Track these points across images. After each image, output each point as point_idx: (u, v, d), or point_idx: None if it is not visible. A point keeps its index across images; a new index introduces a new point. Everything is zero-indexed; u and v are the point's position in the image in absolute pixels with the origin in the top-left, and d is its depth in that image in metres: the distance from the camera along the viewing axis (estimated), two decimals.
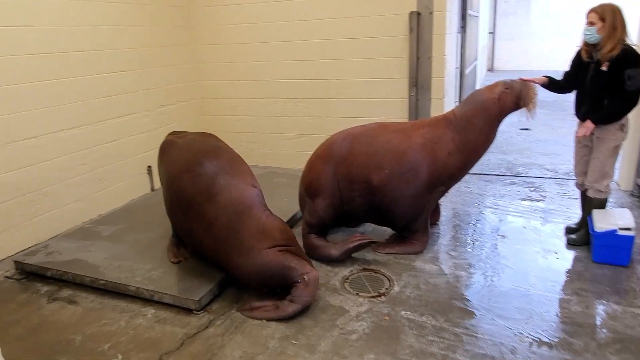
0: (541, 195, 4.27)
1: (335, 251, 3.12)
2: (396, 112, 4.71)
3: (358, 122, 4.83)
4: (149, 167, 4.76)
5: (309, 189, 3.27)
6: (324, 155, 3.25)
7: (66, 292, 2.94)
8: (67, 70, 3.85)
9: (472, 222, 3.75)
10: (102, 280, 2.88)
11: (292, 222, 3.78)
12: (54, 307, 2.79)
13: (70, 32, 3.85)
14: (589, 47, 2.98)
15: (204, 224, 2.68)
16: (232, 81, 5.34)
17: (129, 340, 2.44)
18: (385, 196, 3.08)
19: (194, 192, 2.73)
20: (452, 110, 3.17)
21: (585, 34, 2.94)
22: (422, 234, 3.24)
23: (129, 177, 4.57)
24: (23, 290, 3.02)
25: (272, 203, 4.06)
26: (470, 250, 3.28)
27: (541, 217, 3.79)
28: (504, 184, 4.63)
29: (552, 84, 3.19)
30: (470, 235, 3.52)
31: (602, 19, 2.86)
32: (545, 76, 3.17)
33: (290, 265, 2.57)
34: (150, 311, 2.69)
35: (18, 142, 3.51)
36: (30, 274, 3.17)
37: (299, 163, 5.29)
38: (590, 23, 2.90)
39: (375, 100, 4.76)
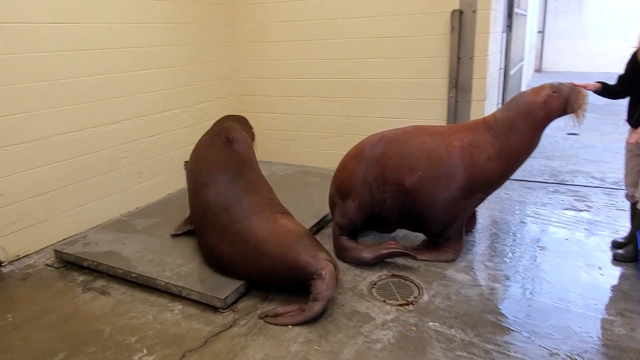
0: (587, 206, 4.04)
1: (367, 255, 3.05)
2: (434, 113, 4.58)
3: (394, 123, 4.77)
4: (186, 162, 4.83)
5: (340, 189, 3.23)
6: (357, 156, 3.20)
7: (100, 283, 3.03)
8: (112, 67, 3.97)
9: (511, 232, 3.58)
10: (134, 273, 2.94)
11: (322, 224, 3.75)
12: (87, 297, 2.88)
13: (116, 30, 3.96)
14: None
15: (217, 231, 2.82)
16: (270, 79, 5.35)
17: (155, 335, 2.47)
18: (418, 200, 2.99)
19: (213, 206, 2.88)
20: (493, 114, 3.03)
21: None
22: (455, 242, 3.12)
23: (166, 172, 4.66)
24: (61, 278, 3.13)
25: (303, 202, 4.07)
26: (507, 261, 3.14)
27: (586, 229, 3.58)
28: (546, 192, 4.41)
29: (605, 90, 2.99)
30: (508, 245, 3.36)
31: None
32: (598, 82, 2.98)
33: (304, 263, 2.55)
34: (177, 306, 2.73)
35: (62, 135, 3.64)
36: (68, 263, 3.29)
37: (333, 163, 5.22)
38: None
39: (412, 101, 4.65)
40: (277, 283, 2.74)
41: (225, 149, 3.12)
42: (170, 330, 2.52)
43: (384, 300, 2.72)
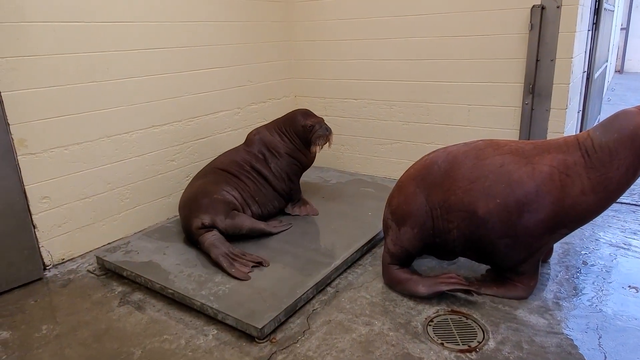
0: None
1: (423, 289, 2.69)
2: (505, 122, 4.10)
3: (458, 131, 4.35)
4: None
5: (395, 213, 2.83)
6: (417, 177, 2.78)
7: (137, 296, 2.89)
8: (164, 67, 3.86)
9: (594, 265, 3.08)
10: (170, 289, 2.77)
11: (375, 241, 3.42)
12: (122, 311, 2.74)
13: (170, 28, 3.84)
14: None
15: None
16: (326, 80, 5.08)
17: None
18: (493, 231, 2.55)
19: None
20: (588, 134, 2.47)
21: None
22: (529, 277, 2.68)
23: None
24: (100, 287, 3.03)
25: (355, 216, 3.76)
26: (589, 303, 2.66)
27: None
28: (637, 217, 3.81)
29: None
30: (590, 282, 2.88)
31: None
32: None
33: None
34: (212, 331, 2.52)
35: (110, 137, 3.56)
36: (109, 270, 3.19)
37: (390, 171, 4.91)
38: None
39: (481, 107, 4.19)
40: None
41: None
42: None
43: (442, 343, 2.36)
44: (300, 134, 3.81)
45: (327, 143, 3.80)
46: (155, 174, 3.94)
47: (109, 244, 3.59)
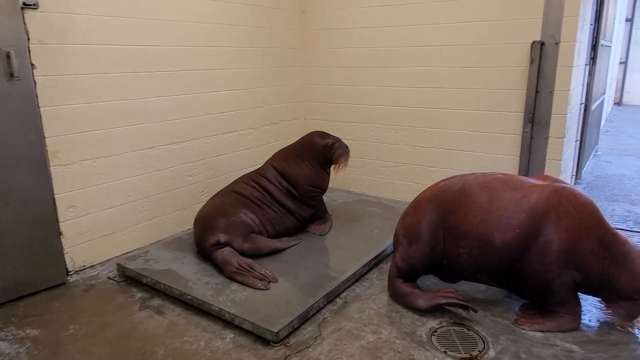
0: None
1: (422, 302, 2.86)
2: (506, 148, 4.33)
3: (461, 156, 4.58)
4: None
5: (408, 231, 2.99)
6: (433, 200, 2.93)
7: (156, 302, 3.06)
8: (187, 88, 4.11)
9: None
10: (189, 295, 2.94)
11: (381, 257, 3.60)
12: (143, 314, 2.91)
13: (192, 52, 4.10)
14: None
15: None
16: (335, 104, 5.34)
17: None
18: (523, 261, 2.67)
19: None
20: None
21: None
22: (573, 306, 2.74)
23: None
24: (121, 293, 3.20)
25: (361, 233, 3.95)
26: (586, 320, 2.83)
27: None
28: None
29: None
30: (585, 300, 3.04)
31: None
32: None
33: None
34: (229, 335, 2.69)
35: (135, 152, 3.78)
36: (129, 277, 3.37)
37: (395, 193, 5.12)
38: None
39: (483, 134, 4.43)
40: None
41: None
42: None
43: (445, 352, 2.52)
44: (320, 155, 3.88)
45: (347, 162, 3.90)
46: (174, 188, 4.15)
47: (127, 252, 3.77)
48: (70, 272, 3.45)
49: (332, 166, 3.98)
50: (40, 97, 3.13)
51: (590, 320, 2.81)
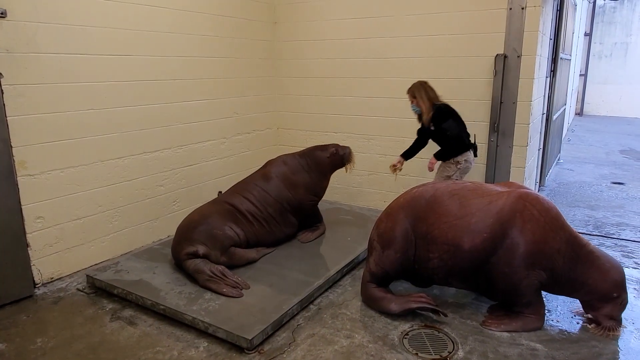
0: (635, 263, 3.80)
1: (395, 306, 2.93)
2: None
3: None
4: (220, 192, 4.87)
5: (381, 236, 3.06)
6: (406, 206, 3.02)
7: (128, 312, 3.02)
8: (157, 98, 4.10)
9: None
10: (162, 305, 2.92)
11: (354, 264, 3.66)
12: (115, 326, 2.87)
13: (164, 62, 4.10)
14: None
15: None
16: (308, 114, 5.41)
17: None
18: (489, 264, 2.78)
19: None
20: None
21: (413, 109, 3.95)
22: (538, 306, 2.84)
23: (202, 201, 4.64)
24: (91, 304, 3.14)
25: (335, 241, 4.00)
26: (550, 320, 2.94)
27: (635, 289, 3.35)
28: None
29: None
30: (548, 300, 3.17)
31: (414, 96, 3.92)
32: None
33: None
34: (203, 343, 2.68)
35: (104, 162, 3.74)
36: (99, 289, 3.31)
37: (367, 201, 5.21)
38: (410, 101, 3.96)
39: None
40: None
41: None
42: None
43: (416, 354, 2.59)
44: (327, 166, 4.06)
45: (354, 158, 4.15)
46: (144, 198, 4.11)
47: (97, 264, 3.71)
48: (38, 284, 3.37)
49: (344, 167, 4.16)
50: (8, 106, 3.07)
51: (553, 320, 2.93)
